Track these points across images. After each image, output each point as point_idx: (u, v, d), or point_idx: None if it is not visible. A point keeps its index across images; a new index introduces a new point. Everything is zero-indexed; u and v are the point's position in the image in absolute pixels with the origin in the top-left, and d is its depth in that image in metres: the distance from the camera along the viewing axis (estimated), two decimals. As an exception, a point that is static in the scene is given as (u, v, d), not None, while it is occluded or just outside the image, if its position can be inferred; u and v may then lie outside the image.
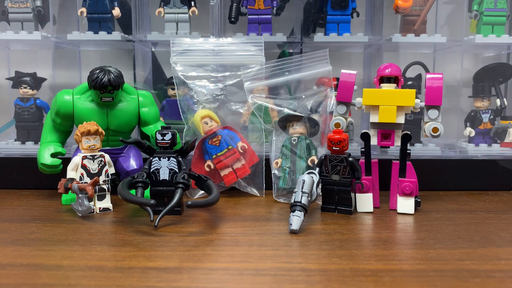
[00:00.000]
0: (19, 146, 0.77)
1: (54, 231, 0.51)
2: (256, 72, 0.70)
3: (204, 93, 0.71)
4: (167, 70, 0.87)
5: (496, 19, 0.77)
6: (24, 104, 0.78)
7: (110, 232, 0.51)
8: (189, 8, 0.78)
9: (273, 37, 0.79)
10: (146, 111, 0.67)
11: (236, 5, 0.79)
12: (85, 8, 0.77)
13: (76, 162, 0.59)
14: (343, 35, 0.78)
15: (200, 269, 0.39)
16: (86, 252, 0.44)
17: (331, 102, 0.68)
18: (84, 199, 0.57)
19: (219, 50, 0.72)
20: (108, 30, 0.78)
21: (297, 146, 0.67)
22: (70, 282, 0.36)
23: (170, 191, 0.57)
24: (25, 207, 0.62)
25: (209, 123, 0.68)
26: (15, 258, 0.42)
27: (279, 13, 0.81)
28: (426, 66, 0.81)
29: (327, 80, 0.70)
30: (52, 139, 0.66)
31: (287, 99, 0.71)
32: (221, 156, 0.68)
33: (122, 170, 0.66)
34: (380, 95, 0.59)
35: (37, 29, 0.78)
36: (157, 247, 0.45)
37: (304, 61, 0.69)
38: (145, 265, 0.40)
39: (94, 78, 0.61)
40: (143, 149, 0.59)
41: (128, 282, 0.36)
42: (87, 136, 0.59)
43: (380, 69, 0.61)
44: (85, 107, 0.64)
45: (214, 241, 0.48)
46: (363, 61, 0.88)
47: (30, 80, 0.78)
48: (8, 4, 0.77)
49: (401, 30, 0.80)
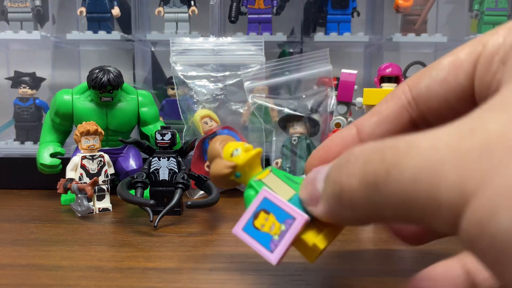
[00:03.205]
0: (18, 146, 0.77)
1: (53, 232, 0.50)
2: (256, 72, 0.70)
3: (204, 93, 0.70)
4: (167, 70, 0.87)
5: (497, 19, 0.77)
6: (24, 104, 0.77)
7: (110, 233, 0.51)
8: (188, 7, 0.78)
9: (273, 37, 0.78)
10: (145, 111, 0.67)
11: (236, 4, 0.79)
12: (84, 8, 0.77)
13: (75, 162, 0.59)
14: (344, 34, 0.78)
15: (200, 270, 0.39)
16: (86, 252, 0.43)
17: (332, 102, 0.68)
18: (83, 199, 0.56)
19: (219, 50, 0.72)
20: (107, 30, 0.77)
21: (297, 146, 0.67)
22: (70, 282, 0.36)
23: (170, 191, 0.56)
24: (24, 207, 0.62)
25: (209, 123, 0.68)
26: (14, 258, 0.42)
27: (279, 13, 0.81)
28: (426, 66, 0.81)
29: (328, 79, 0.70)
30: (52, 139, 0.66)
31: (287, 99, 0.71)
32: (221, 156, 0.68)
33: (121, 170, 0.66)
34: (380, 95, 0.59)
35: (36, 29, 0.78)
36: (157, 247, 0.45)
37: (304, 60, 0.69)
38: (144, 266, 0.40)
39: (94, 78, 0.61)
40: (143, 149, 0.59)
41: (128, 283, 0.36)
42: (87, 136, 0.59)
43: (380, 69, 0.61)
44: (85, 107, 0.64)
45: (214, 242, 0.48)
46: (363, 61, 0.88)
47: (30, 80, 0.78)
48: (7, 4, 0.76)
49: (401, 30, 0.80)
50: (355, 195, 0.23)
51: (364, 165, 0.22)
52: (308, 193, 0.29)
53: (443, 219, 0.19)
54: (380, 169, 0.21)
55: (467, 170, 0.18)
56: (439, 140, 0.19)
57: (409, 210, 0.20)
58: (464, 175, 0.18)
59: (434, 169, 0.19)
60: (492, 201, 0.17)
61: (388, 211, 0.21)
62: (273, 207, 0.33)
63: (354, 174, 0.23)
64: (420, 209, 0.20)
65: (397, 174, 0.20)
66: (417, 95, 0.28)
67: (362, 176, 0.22)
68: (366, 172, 0.22)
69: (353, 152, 0.24)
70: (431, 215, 0.19)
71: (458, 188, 0.18)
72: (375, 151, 0.22)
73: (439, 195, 0.19)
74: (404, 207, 0.20)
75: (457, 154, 0.19)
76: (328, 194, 0.26)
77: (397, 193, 0.20)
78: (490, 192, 0.17)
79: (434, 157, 0.19)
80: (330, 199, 0.25)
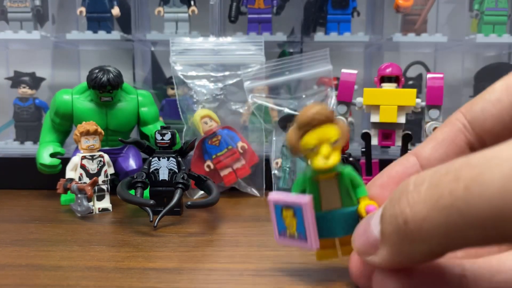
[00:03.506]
0: (18, 146, 0.77)
1: (53, 232, 0.50)
2: (256, 72, 0.70)
3: (203, 93, 0.70)
4: (167, 70, 0.87)
5: (497, 19, 0.77)
6: (23, 104, 0.77)
7: (109, 233, 0.51)
8: (188, 7, 0.78)
9: (273, 37, 0.78)
10: (145, 110, 0.67)
11: (236, 4, 0.79)
12: (84, 8, 0.77)
13: (75, 162, 0.59)
14: (344, 34, 0.78)
15: (200, 270, 0.39)
16: (85, 252, 0.43)
17: (332, 101, 0.68)
18: (83, 200, 0.56)
19: (219, 50, 0.72)
20: (107, 30, 0.77)
21: (297, 146, 0.67)
22: (69, 282, 0.36)
23: (170, 191, 0.56)
24: (24, 207, 0.62)
25: (208, 123, 0.68)
26: (13, 258, 0.42)
27: (279, 12, 0.81)
28: (427, 66, 0.81)
29: (328, 79, 0.70)
30: (51, 139, 0.66)
31: (287, 99, 0.71)
32: (221, 156, 0.68)
33: (121, 170, 0.65)
34: (380, 95, 0.59)
35: (36, 29, 0.78)
36: (157, 247, 0.45)
37: (305, 60, 0.69)
38: (144, 266, 0.40)
39: (93, 78, 0.61)
40: (143, 149, 0.59)
41: (128, 283, 0.36)
42: (86, 136, 0.59)
43: (380, 69, 0.61)
44: (84, 107, 0.64)
45: (214, 242, 0.47)
46: (363, 61, 0.87)
47: (29, 79, 0.77)
48: (7, 4, 0.76)
49: (401, 30, 0.80)
50: (426, 223, 0.21)
51: (430, 189, 0.21)
52: (364, 241, 0.27)
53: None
54: (456, 188, 0.20)
55: None
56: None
57: (502, 223, 0.19)
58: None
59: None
60: None
61: (475, 231, 0.20)
62: (286, 205, 0.33)
63: (419, 201, 0.22)
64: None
65: (481, 189, 0.19)
66: (472, 118, 0.28)
67: (431, 201, 0.21)
68: (437, 195, 0.21)
69: (409, 182, 0.23)
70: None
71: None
72: (442, 172, 0.21)
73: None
74: (495, 222, 0.19)
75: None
76: (389, 233, 0.24)
77: (484, 209, 0.19)
78: None
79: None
80: (393, 238, 0.23)
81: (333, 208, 0.33)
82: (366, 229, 0.26)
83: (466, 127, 0.29)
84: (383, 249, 0.25)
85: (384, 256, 0.25)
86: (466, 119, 0.29)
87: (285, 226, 0.34)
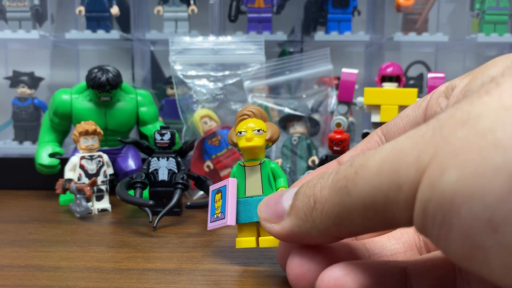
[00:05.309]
0: (17, 146, 0.77)
1: (52, 232, 0.50)
2: (256, 71, 0.70)
3: (203, 93, 0.70)
4: (166, 69, 0.86)
5: (498, 18, 0.77)
6: (22, 103, 0.77)
7: (109, 233, 0.50)
8: (188, 6, 0.78)
9: (274, 36, 0.78)
10: (144, 110, 0.67)
11: (236, 3, 0.79)
12: (83, 7, 0.77)
13: (74, 163, 0.58)
14: (344, 33, 0.78)
15: (199, 271, 0.39)
16: (84, 253, 0.43)
17: (332, 101, 0.67)
18: (82, 200, 0.56)
19: (219, 49, 0.72)
20: (106, 29, 0.77)
21: (297, 146, 0.67)
22: (68, 283, 0.36)
23: (169, 192, 0.56)
24: (23, 207, 0.62)
25: (208, 122, 0.68)
26: (13, 259, 0.41)
27: (280, 12, 0.81)
28: (428, 65, 0.81)
29: (328, 79, 0.69)
30: (50, 139, 0.66)
31: (287, 99, 0.71)
32: (220, 156, 0.68)
33: (120, 170, 0.65)
34: (381, 95, 0.59)
35: (35, 28, 0.77)
36: (156, 248, 0.45)
37: (305, 60, 0.69)
38: (143, 267, 0.40)
39: (92, 78, 0.61)
40: (142, 149, 0.58)
41: (127, 284, 0.36)
42: (85, 136, 0.58)
43: (381, 68, 0.60)
44: (83, 107, 0.64)
45: (213, 242, 0.47)
46: (364, 60, 0.87)
47: (28, 79, 0.77)
48: (6, 3, 0.76)
49: (402, 29, 0.80)
50: (327, 204, 0.25)
51: (334, 175, 0.25)
52: (273, 211, 0.30)
53: (404, 201, 0.21)
54: (349, 173, 0.24)
55: (421, 148, 0.21)
56: (401, 137, 0.23)
57: (375, 204, 0.22)
58: (420, 151, 0.21)
59: (394, 158, 0.22)
60: (442, 163, 0.19)
61: (358, 211, 0.23)
62: (217, 188, 0.40)
63: (325, 186, 0.25)
64: (384, 197, 0.22)
65: (364, 172, 0.23)
66: (386, 131, 0.35)
67: (333, 184, 0.25)
68: (337, 179, 0.25)
69: (326, 172, 0.27)
70: (394, 200, 0.21)
71: (414, 166, 0.21)
72: (345, 163, 0.25)
73: (399, 178, 0.21)
74: (371, 202, 0.22)
75: (414, 139, 0.22)
76: (298, 208, 0.28)
77: (365, 189, 0.23)
78: (440, 157, 0.20)
79: (395, 148, 0.22)
80: (300, 213, 0.27)
81: (255, 195, 0.39)
82: (277, 201, 0.30)
83: (381, 138, 0.35)
84: (287, 220, 0.29)
85: (286, 226, 0.29)
86: (382, 133, 0.35)
87: (215, 211, 0.39)
